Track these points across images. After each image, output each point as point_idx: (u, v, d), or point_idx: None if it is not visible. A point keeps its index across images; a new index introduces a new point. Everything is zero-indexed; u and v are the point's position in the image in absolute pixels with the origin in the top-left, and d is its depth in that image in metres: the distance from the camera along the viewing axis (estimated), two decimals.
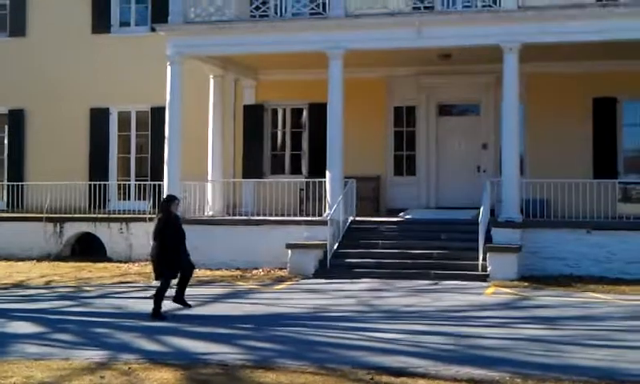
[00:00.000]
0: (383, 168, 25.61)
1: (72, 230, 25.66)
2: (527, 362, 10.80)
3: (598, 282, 19.00)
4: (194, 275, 19.70)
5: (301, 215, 22.85)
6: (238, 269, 21.27)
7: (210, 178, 24.49)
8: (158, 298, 14.61)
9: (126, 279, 20.66)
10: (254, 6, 22.94)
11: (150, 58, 25.59)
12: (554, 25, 20.48)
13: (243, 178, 25.65)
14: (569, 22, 20.43)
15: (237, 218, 23.19)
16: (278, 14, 24.02)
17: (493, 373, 10.04)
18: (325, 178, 21.91)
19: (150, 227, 23.65)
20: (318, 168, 23.69)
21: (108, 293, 18.25)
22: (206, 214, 23.67)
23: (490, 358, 11.05)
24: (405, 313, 15.31)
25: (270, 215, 22.86)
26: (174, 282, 15.27)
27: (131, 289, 19.02)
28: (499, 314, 15.28)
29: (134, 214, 25.24)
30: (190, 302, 15.59)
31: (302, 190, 24.20)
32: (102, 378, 9.89)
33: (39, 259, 24.79)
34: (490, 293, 17.77)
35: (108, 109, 27.71)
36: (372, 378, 9.77)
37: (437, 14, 22.07)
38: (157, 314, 14.49)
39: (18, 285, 19.76)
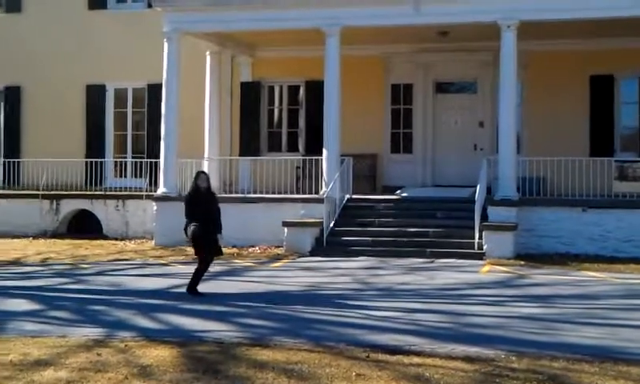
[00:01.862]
0: (380, 146, 25.61)
1: (68, 207, 25.68)
2: (522, 340, 10.83)
3: (594, 260, 19.05)
4: (190, 253, 19.74)
5: (297, 193, 22.85)
6: (234, 246, 21.28)
7: (206, 155, 24.47)
8: (194, 275, 14.37)
9: (122, 256, 20.68)
10: None
11: (147, 35, 25.51)
12: (552, 2, 20.44)
13: (240, 155, 25.63)
14: None
15: (233, 195, 23.17)
16: None
17: (488, 351, 10.07)
18: (321, 155, 21.91)
19: (147, 204, 23.81)
20: (314, 146, 23.67)
21: (104, 270, 18.27)
22: None
23: (486, 336, 11.08)
24: (400, 291, 15.34)
25: (267, 193, 22.89)
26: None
27: (128, 266, 19.04)
28: (495, 292, 15.31)
29: (131, 191, 25.26)
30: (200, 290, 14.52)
31: (298, 167, 24.20)
32: (98, 355, 9.91)
33: (35, 236, 24.82)
34: (485, 271, 17.82)
35: (104, 85, 27.64)
36: (368, 356, 9.80)
37: None
38: (191, 289, 14.31)
39: (15, 262, 19.79)
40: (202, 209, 14.19)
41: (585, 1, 20.28)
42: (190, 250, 20.67)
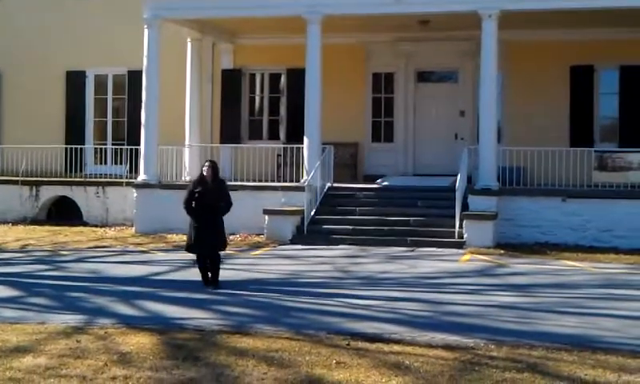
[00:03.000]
0: (361, 134, 25.61)
1: (48, 193, 25.55)
2: (501, 329, 10.90)
3: (573, 249, 19.16)
4: (170, 240, 19.73)
5: (278, 181, 22.84)
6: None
7: (187, 142, 24.40)
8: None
9: (102, 243, 20.61)
10: None
11: (128, 21, 25.36)
12: None
13: (221, 143, 25.57)
14: None
15: None
16: None
17: (467, 339, 10.12)
18: (302, 143, 21.89)
19: (127, 191, 23.73)
20: (295, 134, 23.63)
21: (84, 257, 18.20)
22: (183, 178, 23.60)
23: (465, 325, 11.13)
24: (381, 279, 15.38)
25: (248, 181, 22.86)
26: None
27: (107, 253, 18.99)
28: (474, 281, 15.37)
29: (111, 178, 25.15)
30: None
31: (279, 155, 24.17)
32: (77, 341, 9.88)
33: (15, 223, 24.69)
34: (465, 260, 17.88)
35: (84, 72, 27.49)
36: (348, 344, 9.82)
37: None
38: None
39: None
40: (202, 200, 13.65)
41: None
42: (170, 238, 20.72)
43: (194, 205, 13.75)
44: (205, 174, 13.86)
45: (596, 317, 11.84)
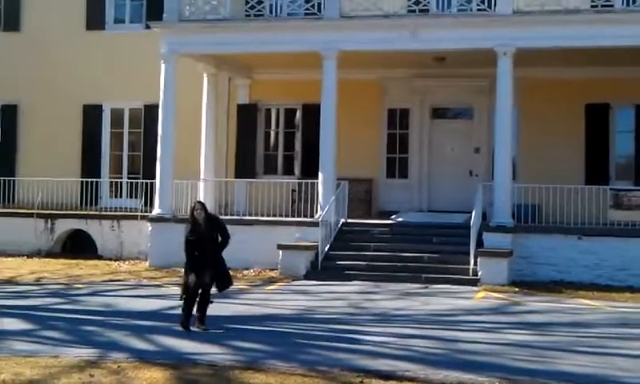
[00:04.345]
0: (376, 170, 25.61)
1: (63, 226, 25.61)
2: (515, 368, 10.82)
3: (588, 288, 19.04)
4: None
5: (292, 216, 22.83)
6: (229, 269, 21.18)
7: (202, 176, 24.45)
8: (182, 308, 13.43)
9: (116, 277, 20.63)
10: (249, 5, 22.87)
11: (144, 56, 25.54)
12: (549, 30, 20.57)
13: (236, 177, 25.62)
14: (563, 28, 20.54)
15: (228, 217, 23.07)
16: (273, 13, 24.09)
17: (481, 377, 10.06)
18: (317, 179, 21.90)
19: (142, 225, 23.76)
20: (310, 169, 23.65)
21: (98, 290, 18.22)
22: None
23: (479, 363, 11.06)
24: (395, 316, 15.32)
25: (262, 215, 22.87)
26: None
27: (122, 287, 19.00)
28: (489, 319, 15.29)
29: (126, 211, 25.21)
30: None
31: (294, 190, 24.18)
32: (91, 376, 9.87)
33: (29, 255, 24.73)
34: (480, 297, 17.80)
35: (101, 105, 27.63)
36: (361, 381, 9.78)
37: (431, 17, 22.12)
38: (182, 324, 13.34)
39: (8, 281, 19.72)
40: (201, 250, 13.37)
41: (581, 30, 20.36)
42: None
43: (196, 254, 13.41)
44: (198, 219, 13.46)
45: (611, 356, 11.75)
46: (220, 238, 13.72)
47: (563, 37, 20.38)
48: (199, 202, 14.10)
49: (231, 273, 20.51)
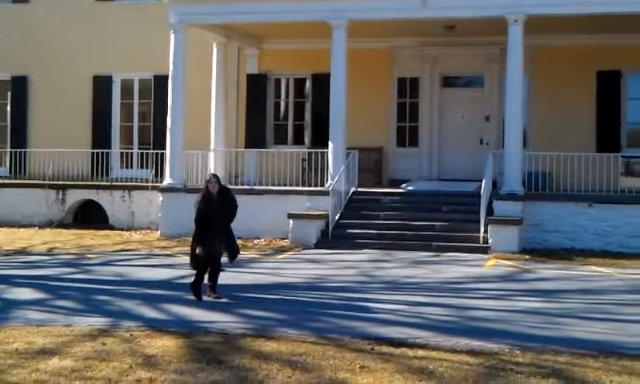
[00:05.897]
0: (386, 139, 25.59)
1: (74, 197, 25.70)
2: (526, 334, 10.84)
3: (599, 255, 19.03)
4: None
5: (303, 185, 22.86)
6: (239, 238, 20.93)
7: (212, 147, 24.47)
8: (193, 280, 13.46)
9: (128, 247, 20.71)
10: None
11: (154, 26, 25.49)
12: None
13: (246, 147, 25.64)
14: None
15: (239, 187, 23.12)
16: None
17: (492, 344, 10.08)
18: (327, 148, 21.89)
19: (152, 195, 23.83)
20: (320, 138, 23.65)
21: (110, 260, 18.30)
22: None
23: (490, 330, 11.09)
24: (405, 284, 15.36)
25: (272, 185, 22.90)
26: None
27: (133, 256, 19.08)
28: (499, 286, 15.31)
29: (137, 182, 25.29)
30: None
31: (304, 160, 24.19)
32: (103, 344, 9.94)
33: (41, 226, 24.85)
34: (490, 265, 17.81)
35: (111, 76, 27.64)
36: (372, 349, 9.82)
37: None
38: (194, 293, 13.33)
39: (20, 251, 19.83)
40: (213, 222, 13.32)
41: None
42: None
43: (207, 225, 13.33)
44: (212, 192, 13.44)
45: (623, 323, 11.76)
46: (230, 211, 13.65)
47: (574, 3, 20.21)
48: (214, 175, 14.13)
49: (242, 242, 20.74)
